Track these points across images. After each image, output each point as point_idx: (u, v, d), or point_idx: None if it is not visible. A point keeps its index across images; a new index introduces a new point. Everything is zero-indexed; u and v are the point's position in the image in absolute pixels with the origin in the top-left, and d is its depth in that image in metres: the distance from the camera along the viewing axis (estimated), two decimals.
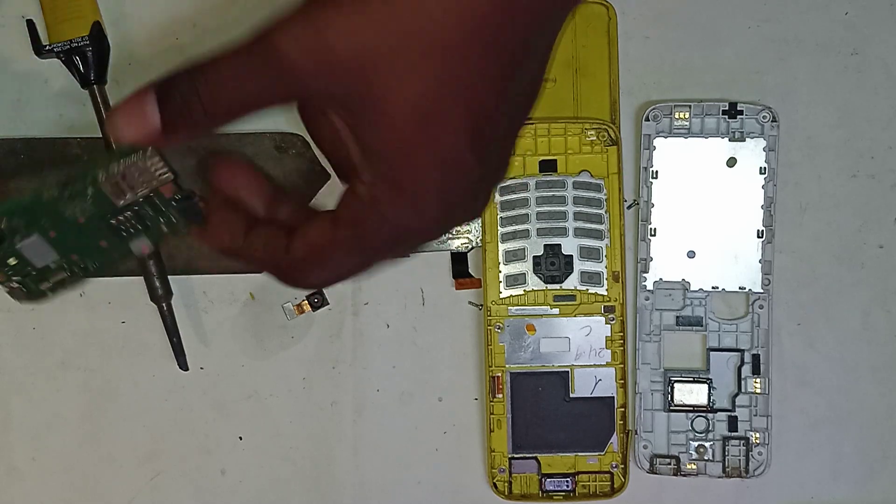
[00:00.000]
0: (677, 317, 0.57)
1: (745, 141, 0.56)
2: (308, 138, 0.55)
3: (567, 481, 0.56)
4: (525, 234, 0.56)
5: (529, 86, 0.42)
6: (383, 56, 0.40)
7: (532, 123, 0.55)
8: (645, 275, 0.56)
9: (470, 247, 0.56)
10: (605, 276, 0.56)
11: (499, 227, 0.56)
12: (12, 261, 0.49)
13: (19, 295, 0.50)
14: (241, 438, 0.57)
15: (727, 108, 0.56)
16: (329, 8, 0.40)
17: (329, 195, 0.55)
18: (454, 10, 0.39)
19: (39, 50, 0.54)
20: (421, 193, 0.41)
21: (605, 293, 0.56)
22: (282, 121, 0.50)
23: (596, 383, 0.56)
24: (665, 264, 0.56)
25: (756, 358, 0.56)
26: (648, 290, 0.56)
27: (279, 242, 0.46)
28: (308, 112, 0.47)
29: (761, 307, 0.56)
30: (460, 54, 0.39)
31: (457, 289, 0.57)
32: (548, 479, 0.56)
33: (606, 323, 0.56)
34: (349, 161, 0.43)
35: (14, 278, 0.50)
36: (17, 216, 0.49)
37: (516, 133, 0.43)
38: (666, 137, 0.56)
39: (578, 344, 0.56)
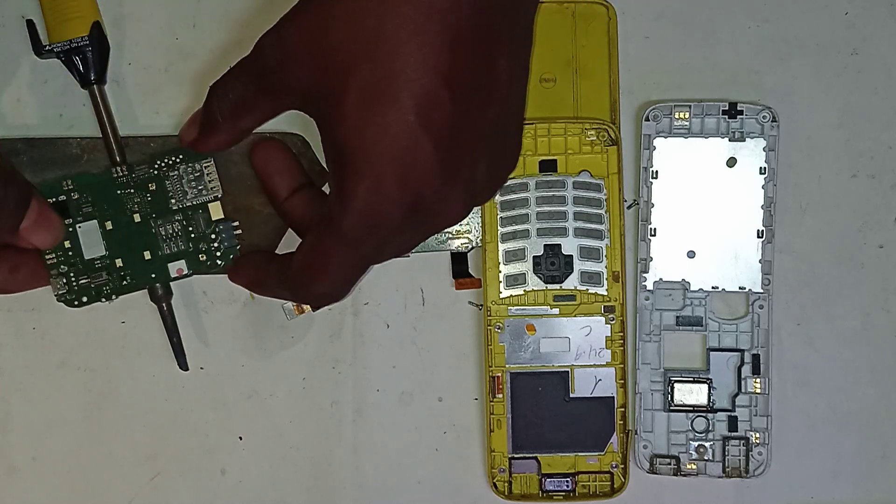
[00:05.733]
0: (677, 317, 0.57)
1: (745, 141, 0.56)
2: (308, 138, 0.55)
3: (567, 481, 0.56)
4: (525, 234, 0.56)
5: (488, 75, 0.42)
6: (332, 49, 0.41)
7: (532, 123, 0.55)
8: (645, 275, 0.56)
9: (470, 247, 0.56)
10: (605, 276, 0.56)
11: (499, 227, 0.56)
12: (67, 243, 0.52)
13: (60, 286, 0.52)
14: (241, 438, 0.57)
15: (727, 108, 0.56)
16: (301, 8, 0.43)
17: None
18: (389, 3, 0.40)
19: (39, 50, 0.54)
20: (379, 175, 0.42)
21: (605, 293, 0.56)
22: (282, 121, 0.49)
23: (596, 383, 0.56)
24: (665, 264, 0.56)
25: (756, 358, 0.56)
26: (648, 290, 0.56)
27: (286, 263, 0.48)
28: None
29: (761, 307, 0.56)
30: (397, 41, 0.40)
31: (457, 289, 0.57)
32: (548, 479, 0.56)
33: (606, 323, 0.56)
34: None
35: (62, 267, 0.52)
36: (88, 190, 0.52)
37: (482, 126, 0.43)
38: (666, 137, 0.56)
39: (578, 344, 0.56)
